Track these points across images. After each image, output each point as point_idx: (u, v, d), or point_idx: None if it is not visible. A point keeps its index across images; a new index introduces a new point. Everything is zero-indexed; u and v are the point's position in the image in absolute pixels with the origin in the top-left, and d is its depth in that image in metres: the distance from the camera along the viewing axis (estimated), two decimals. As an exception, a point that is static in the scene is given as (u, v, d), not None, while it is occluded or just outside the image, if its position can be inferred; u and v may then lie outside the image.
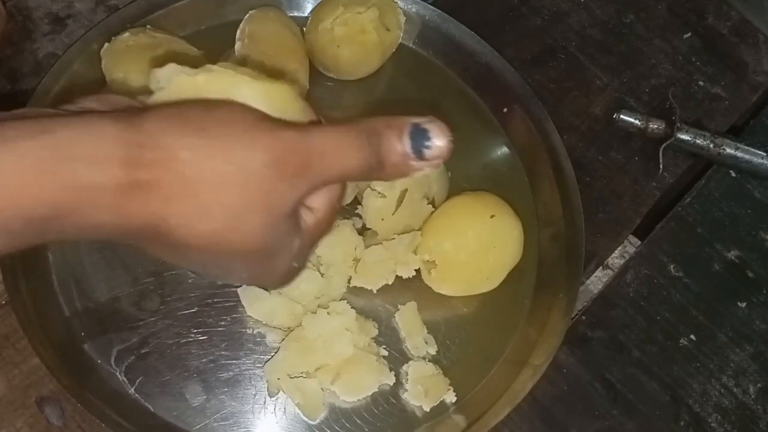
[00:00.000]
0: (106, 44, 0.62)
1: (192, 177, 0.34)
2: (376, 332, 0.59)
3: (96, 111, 0.37)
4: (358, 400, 0.57)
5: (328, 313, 0.57)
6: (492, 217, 0.59)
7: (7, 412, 0.54)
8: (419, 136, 0.37)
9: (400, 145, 0.37)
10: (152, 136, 0.34)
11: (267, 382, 0.56)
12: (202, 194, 0.34)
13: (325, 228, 0.40)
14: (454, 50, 0.69)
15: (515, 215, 0.61)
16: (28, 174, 0.32)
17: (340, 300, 0.58)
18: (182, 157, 0.34)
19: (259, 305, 0.58)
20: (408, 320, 0.59)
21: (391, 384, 0.58)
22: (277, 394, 0.56)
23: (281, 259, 0.39)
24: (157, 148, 0.34)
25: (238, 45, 0.63)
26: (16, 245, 0.34)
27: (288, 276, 0.42)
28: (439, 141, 0.37)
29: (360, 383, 0.57)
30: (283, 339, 0.57)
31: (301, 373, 0.56)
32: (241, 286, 0.58)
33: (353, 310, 0.57)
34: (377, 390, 0.57)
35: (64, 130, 0.33)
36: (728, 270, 0.67)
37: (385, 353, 0.58)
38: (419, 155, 0.37)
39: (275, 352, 0.57)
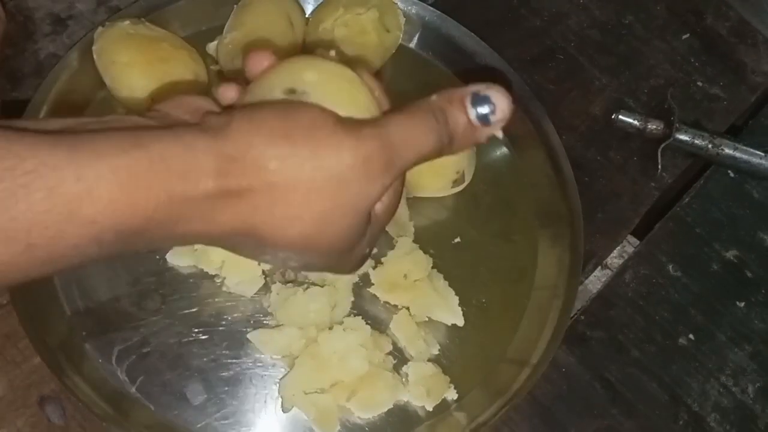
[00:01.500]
0: (100, 28, 0.61)
1: (282, 186, 0.34)
2: (390, 348, 0.58)
3: (181, 121, 0.37)
4: (372, 417, 0.57)
5: (343, 329, 0.57)
6: None
7: (9, 412, 0.55)
8: (481, 104, 0.38)
9: (465, 117, 0.38)
10: (241, 148, 0.34)
11: (281, 398, 0.56)
12: (293, 202, 0.35)
13: (392, 212, 0.41)
14: (454, 51, 0.69)
15: None
16: (122, 188, 0.32)
17: (354, 315, 0.58)
18: (272, 167, 0.34)
19: (273, 344, 0.57)
20: (403, 328, 0.59)
21: (406, 400, 0.57)
22: (291, 409, 0.56)
23: (359, 249, 0.40)
24: (246, 159, 0.34)
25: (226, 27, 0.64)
26: (104, 255, 0.34)
27: (361, 262, 0.43)
28: (501, 104, 0.38)
29: (376, 400, 0.56)
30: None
31: (316, 389, 0.56)
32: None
33: (368, 326, 0.57)
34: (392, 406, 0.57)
35: (156, 144, 0.33)
36: (727, 270, 0.67)
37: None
38: (485, 122, 0.38)
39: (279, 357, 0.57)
